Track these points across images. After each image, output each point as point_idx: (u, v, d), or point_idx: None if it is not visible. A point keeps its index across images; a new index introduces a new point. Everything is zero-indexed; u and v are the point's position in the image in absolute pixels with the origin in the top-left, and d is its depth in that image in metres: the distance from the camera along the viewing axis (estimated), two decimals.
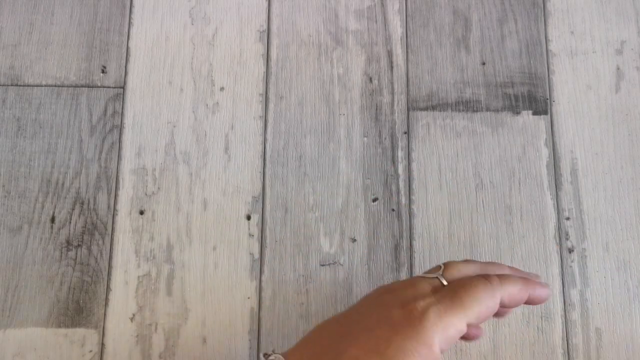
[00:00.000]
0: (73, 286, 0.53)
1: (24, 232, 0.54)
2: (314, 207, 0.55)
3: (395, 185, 0.56)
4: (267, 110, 0.57)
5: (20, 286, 0.53)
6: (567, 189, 0.56)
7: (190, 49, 0.59)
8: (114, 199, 0.55)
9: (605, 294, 0.53)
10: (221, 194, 0.55)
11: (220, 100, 0.57)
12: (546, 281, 0.54)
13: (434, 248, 0.54)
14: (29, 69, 0.58)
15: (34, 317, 0.52)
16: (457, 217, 0.55)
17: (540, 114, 0.57)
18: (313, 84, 0.58)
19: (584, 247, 0.54)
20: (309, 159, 0.56)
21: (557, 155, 0.56)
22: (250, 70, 0.58)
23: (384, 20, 0.60)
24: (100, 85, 0.58)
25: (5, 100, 0.57)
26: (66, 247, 0.53)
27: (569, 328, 0.53)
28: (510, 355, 0.52)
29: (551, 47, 0.59)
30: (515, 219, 0.55)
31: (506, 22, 0.60)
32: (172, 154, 0.56)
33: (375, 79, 0.58)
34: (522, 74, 0.58)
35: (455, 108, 0.57)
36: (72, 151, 0.56)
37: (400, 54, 0.59)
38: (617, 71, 0.59)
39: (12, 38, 0.59)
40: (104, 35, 0.59)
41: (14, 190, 0.55)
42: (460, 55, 0.59)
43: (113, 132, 0.56)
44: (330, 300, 0.53)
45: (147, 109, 0.57)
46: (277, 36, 0.59)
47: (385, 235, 0.54)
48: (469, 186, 0.56)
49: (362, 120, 0.57)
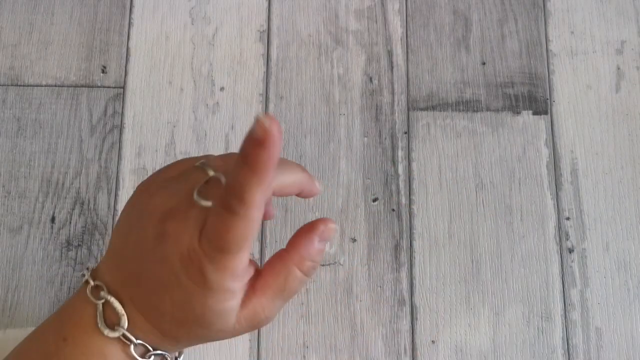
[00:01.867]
0: (73, 286, 0.53)
1: (24, 232, 0.54)
2: (314, 207, 0.55)
3: (395, 185, 0.56)
4: (267, 110, 0.57)
5: (20, 286, 0.53)
6: (567, 189, 0.56)
7: (190, 49, 0.59)
8: (114, 199, 0.55)
9: (605, 294, 0.53)
10: None
11: (220, 100, 0.57)
12: (546, 281, 0.54)
13: (434, 248, 0.54)
14: (29, 69, 0.58)
15: (34, 317, 0.52)
16: (457, 217, 0.55)
17: (540, 114, 0.57)
18: (313, 84, 0.58)
19: (584, 247, 0.54)
20: (309, 159, 0.56)
21: (557, 155, 0.56)
22: (250, 70, 0.58)
23: (384, 20, 0.60)
24: (100, 85, 0.58)
25: (6, 100, 0.57)
26: (66, 247, 0.53)
27: (569, 328, 0.53)
28: (510, 355, 0.52)
29: (551, 47, 0.59)
30: (515, 219, 0.55)
31: (506, 22, 0.60)
32: (172, 154, 0.56)
33: (376, 79, 0.58)
34: (522, 74, 0.58)
35: (455, 108, 0.57)
36: (72, 151, 0.56)
37: (400, 54, 0.59)
38: (617, 71, 0.59)
39: (12, 38, 0.59)
40: (104, 35, 0.59)
41: (14, 190, 0.55)
42: (460, 55, 0.59)
43: (113, 132, 0.56)
44: (330, 300, 0.53)
45: (147, 109, 0.57)
46: (277, 36, 0.59)
47: (385, 235, 0.54)
48: (469, 186, 0.56)
49: (362, 120, 0.57)
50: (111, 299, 0.28)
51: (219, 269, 0.26)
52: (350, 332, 0.52)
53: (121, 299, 0.28)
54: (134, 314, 0.27)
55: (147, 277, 0.27)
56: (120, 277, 0.28)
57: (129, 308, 0.27)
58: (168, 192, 0.28)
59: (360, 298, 0.53)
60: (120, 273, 0.28)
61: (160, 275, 0.27)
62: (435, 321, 0.53)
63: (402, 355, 0.52)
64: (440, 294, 0.53)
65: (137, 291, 0.28)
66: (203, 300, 0.26)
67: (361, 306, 0.53)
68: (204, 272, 0.26)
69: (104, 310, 0.28)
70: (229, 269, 0.26)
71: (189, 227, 0.26)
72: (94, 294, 0.28)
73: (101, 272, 0.29)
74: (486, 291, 0.53)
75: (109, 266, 0.29)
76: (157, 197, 0.28)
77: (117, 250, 0.29)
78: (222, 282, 0.26)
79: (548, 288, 0.53)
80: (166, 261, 0.27)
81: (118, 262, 0.29)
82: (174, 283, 0.27)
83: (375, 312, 0.53)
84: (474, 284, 0.53)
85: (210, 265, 0.26)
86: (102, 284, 0.28)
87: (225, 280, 0.26)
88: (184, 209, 0.27)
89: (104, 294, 0.28)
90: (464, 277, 0.54)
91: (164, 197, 0.28)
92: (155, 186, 0.29)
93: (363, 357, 0.52)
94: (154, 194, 0.29)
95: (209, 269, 0.26)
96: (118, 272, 0.28)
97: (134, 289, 0.28)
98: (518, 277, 0.54)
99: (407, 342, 0.52)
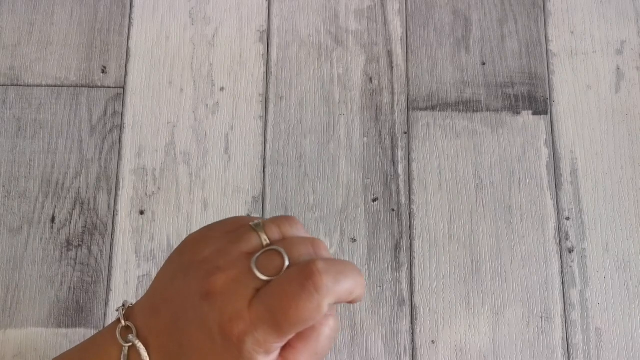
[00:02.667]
0: (73, 286, 0.53)
1: (24, 232, 0.54)
2: (314, 207, 0.55)
3: (395, 185, 0.56)
4: (267, 110, 0.57)
5: (20, 286, 0.53)
6: (567, 189, 0.56)
7: (190, 49, 0.59)
8: (114, 199, 0.55)
9: (605, 294, 0.53)
10: (221, 194, 0.55)
11: (220, 101, 0.57)
12: (546, 281, 0.54)
13: (434, 248, 0.54)
14: (29, 69, 0.58)
15: (34, 317, 0.52)
16: (457, 217, 0.55)
17: (540, 114, 0.57)
18: (313, 84, 0.58)
19: (584, 247, 0.54)
20: (309, 159, 0.56)
21: (557, 155, 0.56)
22: (250, 71, 0.58)
23: (384, 20, 0.60)
24: (100, 85, 0.58)
25: (6, 100, 0.57)
26: (66, 247, 0.54)
27: (569, 328, 0.53)
28: (510, 355, 0.52)
29: (551, 47, 0.59)
30: (515, 219, 0.55)
31: (506, 22, 0.60)
32: (172, 154, 0.56)
33: (375, 79, 0.58)
34: (522, 74, 0.58)
35: (455, 108, 0.57)
36: (72, 151, 0.56)
37: (400, 54, 0.59)
38: (617, 71, 0.59)
39: (12, 38, 0.59)
40: (104, 35, 0.59)
41: (14, 191, 0.55)
42: (460, 55, 0.59)
43: (113, 132, 0.56)
44: None
45: (147, 109, 0.57)
46: (277, 36, 0.59)
47: (385, 235, 0.54)
48: (469, 186, 0.56)
49: (362, 120, 0.57)
50: (138, 344, 0.27)
51: (258, 342, 0.25)
52: (350, 332, 0.52)
53: (148, 346, 0.27)
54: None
55: (180, 333, 0.26)
56: (153, 325, 0.27)
57: (155, 358, 0.27)
58: (219, 248, 0.27)
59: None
60: (154, 320, 0.27)
61: (195, 335, 0.26)
62: (435, 321, 0.53)
63: (402, 355, 0.52)
64: (440, 294, 0.53)
65: (166, 344, 0.27)
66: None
67: (361, 306, 0.53)
68: (242, 340, 0.25)
69: (129, 354, 0.27)
70: (268, 344, 0.25)
71: (239, 292, 0.25)
72: (122, 335, 0.27)
73: (135, 313, 0.28)
74: (486, 291, 0.53)
75: (144, 309, 0.28)
76: (208, 251, 0.27)
77: (157, 296, 0.28)
78: (255, 356, 0.25)
79: (548, 288, 0.53)
80: (205, 323, 0.25)
81: (154, 308, 0.28)
82: (208, 347, 0.25)
83: (375, 312, 0.53)
84: (474, 284, 0.53)
85: (252, 335, 0.25)
86: (132, 327, 0.27)
87: (259, 355, 0.25)
88: (236, 272, 0.26)
89: (132, 337, 0.27)
90: (464, 277, 0.54)
91: (215, 253, 0.27)
92: (205, 239, 0.28)
93: (363, 357, 0.52)
94: (205, 247, 0.27)
95: (248, 339, 0.25)
96: (152, 318, 0.27)
97: (164, 340, 0.27)
98: (518, 277, 0.54)
99: (407, 342, 0.52)
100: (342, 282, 0.25)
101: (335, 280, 0.25)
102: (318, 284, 0.25)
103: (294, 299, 0.24)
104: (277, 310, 0.24)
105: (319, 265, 0.25)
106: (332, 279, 0.25)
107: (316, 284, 0.25)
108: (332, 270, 0.25)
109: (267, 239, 0.27)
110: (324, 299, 0.25)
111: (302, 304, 0.24)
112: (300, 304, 0.24)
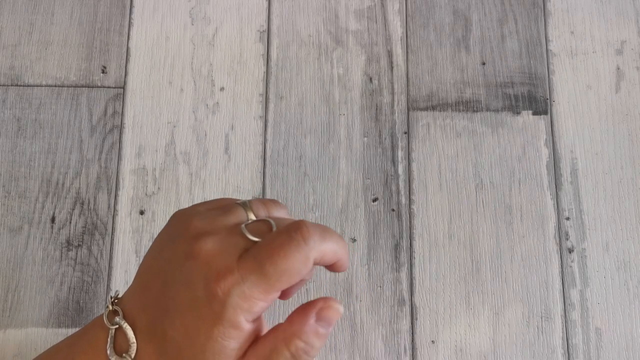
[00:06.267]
0: (73, 286, 0.53)
1: (24, 232, 0.54)
2: (314, 207, 0.55)
3: (395, 185, 0.56)
4: (267, 110, 0.57)
5: (20, 286, 0.53)
6: (567, 189, 0.56)
7: (190, 49, 0.59)
8: (114, 199, 0.55)
9: (605, 294, 0.53)
10: (221, 194, 0.55)
11: (220, 101, 0.57)
12: (546, 281, 0.54)
13: (434, 248, 0.54)
14: (29, 69, 0.58)
15: (34, 317, 0.52)
16: (457, 217, 0.55)
17: (540, 114, 0.57)
18: (313, 84, 0.58)
19: (584, 247, 0.54)
20: (309, 159, 0.56)
21: (557, 155, 0.56)
22: (250, 71, 0.58)
23: (384, 20, 0.60)
24: (100, 85, 0.58)
25: (6, 100, 0.57)
26: (66, 247, 0.54)
27: (569, 328, 0.53)
28: (510, 355, 0.52)
29: (551, 47, 0.59)
30: (515, 219, 0.55)
31: (506, 22, 0.60)
32: (172, 154, 0.56)
33: (375, 79, 0.58)
34: (522, 74, 0.58)
35: (455, 108, 0.57)
36: (72, 151, 0.56)
37: (400, 54, 0.59)
38: (617, 71, 0.59)
39: (12, 38, 0.59)
40: (104, 35, 0.59)
41: (14, 191, 0.55)
42: (460, 55, 0.59)
43: (113, 132, 0.56)
44: None
45: (147, 109, 0.57)
46: (277, 36, 0.59)
47: (385, 235, 0.54)
48: (469, 186, 0.56)
49: (362, 120, 0.57)
50: (124, 325, 0.27)
51: (244, 295, 0.25)
52: (350, 332, 0.52)
53: (135, 326, 0.27)
54: (145, 344, 0.27)
55: (166, 299, 0.26)
56: (142, 301, 0.27)
57: (142, 337, 0.27)
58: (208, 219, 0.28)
59: (360, 298, 0.53)
60: (143, 296, 0.28)
61: (179, 295, 0.26)
62: (435, 321, 0.53)
63: (402, 355, 0.52)
64: (440, 294, 0.53)
65: (153, 316, 0.27)
66: (210, 329, 0.25)
67: (361, 306, 0.53)
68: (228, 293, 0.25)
69: (116, 336, 0.27)
70: (254, 299, 0.25)
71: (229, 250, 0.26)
72: (109, 319, 0.27)
73: (124, 299, 0.28)
74: (486, 291, 0.53)
75: (134, 290, 0.28)
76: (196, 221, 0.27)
77: (145, 272, 0.28)
78: (236, 316, 0.25)
79: (548, 288, 0.53)
80: (190, 280, 0.26)
81: (144, 284, 0.28)
82: (191, 305, 0.26)
83: (375, 312, 0.53)
84: (474, 284, 0.53)
85: (239, 287, 0.25)
86: (119, 309, 0.28)
87: (241, 313, 0.25)
88: (225, 234, 0.26)
89: (118, 319, 0.27)
90: (464, 277, 0.54)
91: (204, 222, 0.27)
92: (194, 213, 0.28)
93: (363, 357, 0.52)
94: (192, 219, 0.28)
95: (234, 291, 0.25)
96: (142, 295, 0.28)
97: (151, 313, 0.27)
98: (518, 277, 0.54)
99: (407, 342, 0.52)
100: (328, 240, 0.27)
101: (322, 237, 0.26)
102: (306, 235, 0.26)
103: (282, 248, 0.25)
104: (265, 260, 0.25)
105: (307, 222, 0.26)
106: (319, 235, 0.26)
107: (304, 235, 0.26)
108: (318, 229, 0.26)
109: (254, 216, 0.28)
110: (312, 250, 0.26)
111: (290, 253, 0.25)
112: (289, 253, 0.25)
